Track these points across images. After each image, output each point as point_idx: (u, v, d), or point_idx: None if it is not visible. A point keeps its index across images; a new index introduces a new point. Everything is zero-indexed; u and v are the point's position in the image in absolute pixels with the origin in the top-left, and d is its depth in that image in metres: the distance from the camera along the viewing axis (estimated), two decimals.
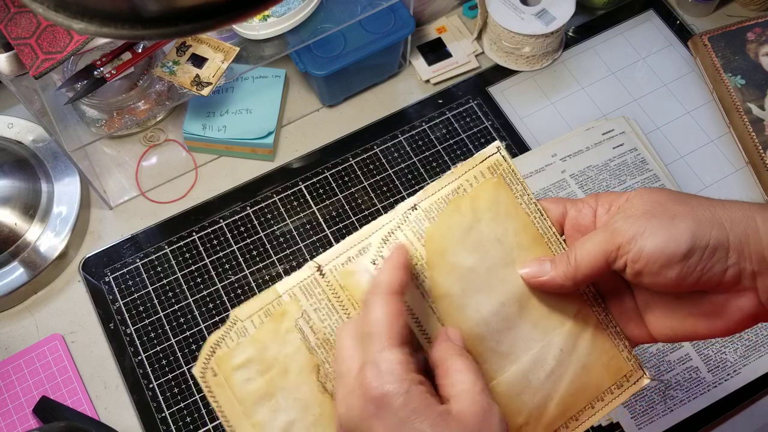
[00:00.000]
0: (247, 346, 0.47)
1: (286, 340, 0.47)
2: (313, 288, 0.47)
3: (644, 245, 0.43)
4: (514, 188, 0.50)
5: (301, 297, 0.47)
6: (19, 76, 0.67)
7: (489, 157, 0.50)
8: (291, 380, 0.46)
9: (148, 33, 0.33)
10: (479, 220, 0.49)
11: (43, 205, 0.84)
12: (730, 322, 0.45)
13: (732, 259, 0.43)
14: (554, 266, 0.47)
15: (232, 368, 0.46)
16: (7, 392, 0.77)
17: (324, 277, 0.47)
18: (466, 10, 0.97)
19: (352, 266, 0.47)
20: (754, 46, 0.91)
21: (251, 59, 0.81)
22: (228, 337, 0.47)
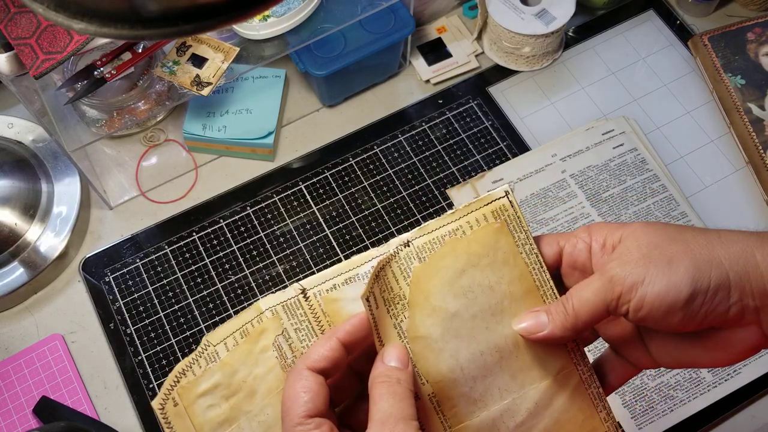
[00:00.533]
0: (215, 372, 0.46)
1: (260, 360, 0.46)
2: (295, 309, 0.47)
3: (645, 294, 0.42)
4: (517, 236, 0.48)
5: (283, 315, 0.47)
6: (19, 76, 0.67)
7: (496, 201, 0.48)
8: (257, 403, 0.46)
9: (148, 33, 0.33)
10: (474, 266, 0.47)
11: (43, 205, 0.84)
12: (733, 354, 0.45)
13: (734, 298, 0.43)
14: (551, 318, 0.46)
15: (196, 396, 0.46)
16: (7, 392, 0.77)
17: (308, 300, 0.47)
18: (466, 10, 0.97)
19: (336, 294, 0.47)
20: (754, 46, 0.91)
21: (251, 59, 0.81)
22: (196, 364, 0.46)
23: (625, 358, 0.49)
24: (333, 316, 0.46)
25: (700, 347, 0.46)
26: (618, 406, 0.74)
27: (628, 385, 0.75)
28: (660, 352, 0.47)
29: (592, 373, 0.48)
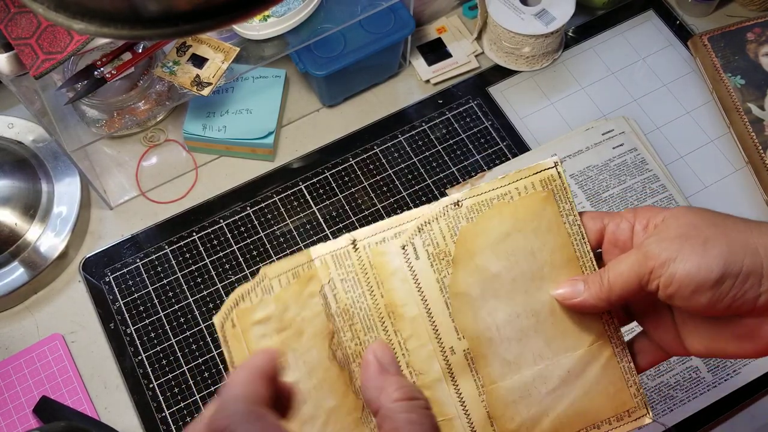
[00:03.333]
0: (269, 303, 0.47)
1: (308, 304, 0.47)
2: (344, 259, 0.48)
3: (676, 270, 0.43)
4: (562, 206, 0.50)
5: (332, 265, 0.47)
6: (19, 76, 0.67)
7: (545, 170, 0.50)
8: (303, 343, 0.47)
9: (148, 33, 0.33)
10: (519, 230, 0.49)
11: (44, 205, 0.84)
12: (761, 344, 0.45)
13: (765, 286, 0.43)
14: (587, 287, 0.47)
15: (252, 323, 0.47)
16: (7, 392, 0.77)
17: (357, 251, 0.48)
18: (466, 10, 0.97)
19: (384, 247, 0.48)
20: (754, 46, 0.91)
21: (251, 59, 0.81)
22: (254, 292, 0.47)
23: (656, 342, 0.50)
24: (379, 269, 0.48)
25: (729, 335, 0.46)
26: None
27: None
28: (691, 337, 0.48)
29: (624, 348, 0.50)
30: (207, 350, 0.78)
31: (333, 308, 0.47)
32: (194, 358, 0.78)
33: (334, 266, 0.47)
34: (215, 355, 0.78)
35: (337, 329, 0.47)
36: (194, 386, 0.77)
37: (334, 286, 0.47)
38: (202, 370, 0.78)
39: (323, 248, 0.48)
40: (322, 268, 0.47)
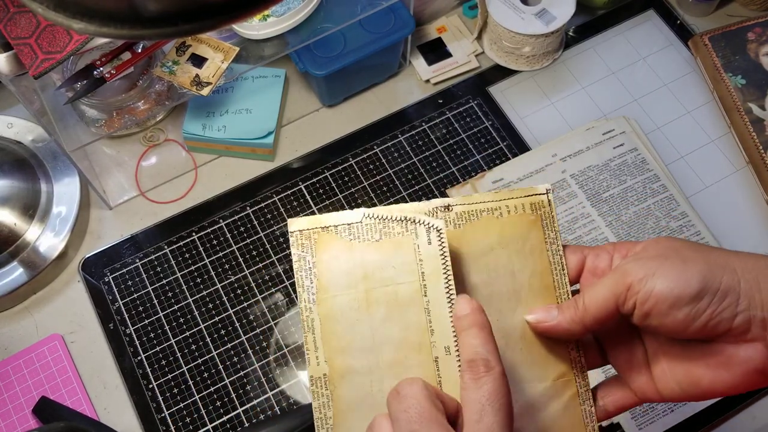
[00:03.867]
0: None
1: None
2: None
3: (654, 285, 0.43)
4: (547, 233, 0.50)
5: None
6: (18, 75, 0.66)
7: (536, 195, 0.50)
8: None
9: (148, 33, 0.33)
10: (503, 247, 0.49)
11: (43, 205, 0.84)
12: (737, 374, 0.44)
13: (742, 305, 0.43)
14: (561, 312, 0.47)
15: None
16: (6, 392, 0.77)
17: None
18: (466, 9, 0.97)
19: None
20: (755, 45, 0.91)
21: (251, 59, 0.81)
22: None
23: (628, 385, 0.49)
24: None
25: (704, 365, 0.45)
26: None
27: None
28: (664, 376, 0.47)
29: (588, 390, 0.49)
30: (207, 350, 0.78)
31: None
32: (194, 359, 0.78)
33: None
34: (215, 356, 0.78)
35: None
36: (194, 387, 0.77)
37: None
38: (202, 371, 0.77)
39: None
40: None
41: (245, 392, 0.77)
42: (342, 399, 0.46)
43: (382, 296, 0.47)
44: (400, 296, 0.46)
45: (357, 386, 0.46)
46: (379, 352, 0.46)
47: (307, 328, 0.47)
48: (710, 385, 0.45)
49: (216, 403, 0.76)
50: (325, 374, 0.46)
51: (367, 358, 0.46)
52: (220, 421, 0.75)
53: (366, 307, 0.47)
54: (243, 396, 0.76)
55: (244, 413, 0.76)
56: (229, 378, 0.77)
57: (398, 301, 0.46)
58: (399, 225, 0.48)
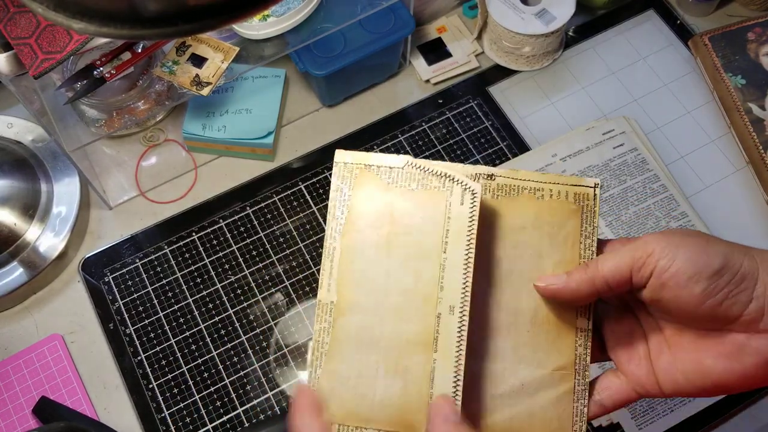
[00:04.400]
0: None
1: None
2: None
3: (677, 255, 0.43)
4: (585, 226, 0.50)
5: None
6: (18, 75, 0.66)
7: (583, 186, 0.50)
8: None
9: (148, 33, 0.33)
10: (535, 228, 0.49)
11: (43, 205, 0.84)
12: (749, 365, 0.44)
13: (759, 291, 0.43)
14: (570, 275, 0.47)
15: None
16: (6, 392, 0.77)
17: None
18: (466, 9, 0.97)
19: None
20: (755, 45, 0.91)
21: (251, 59, 0.81)
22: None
23: (627, 379, 0.49)
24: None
25: (714, 353, 0.45)
26: None
27: None
28: (669, 368, 0.46)
29: (585, 389, 0.48)
30: (207, 350, 0.78)
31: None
32: (194, 359, 0.78)
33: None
34: (215, 356, 0.78)
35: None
36: (194, 387, 0.77)
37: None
38: (202, 371, 0.77)
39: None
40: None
41: (245, 392, 0.77)
42: (342, 329, 0.47)
43: (404, 243, 0.48)
44: (420, 247, 0.47)
45: (359, 321, 0.47)
46: (388, 294, 0.47)
47: (327, 255, 0.48)
48: (721, 376, 0.44)
49: (216, 403, 0.76)
50: (332, 302, 0.47)
51: (375, 298, 0.47)
52: (220, 421, 0.75)
53: (386, 249, 0.48)
54: (243, 396, 0.76)
55: (244, 413, 0.76)
56: (229, 378, 0.77)
57: (418, 252, 0.47)
58: (437, 179, 0.48)
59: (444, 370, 0.46)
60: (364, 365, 0.46)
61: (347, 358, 0.47)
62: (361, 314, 0.47)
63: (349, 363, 0.47)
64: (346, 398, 0.46)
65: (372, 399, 0.46)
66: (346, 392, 0.46)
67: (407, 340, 0.47)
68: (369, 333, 0.47)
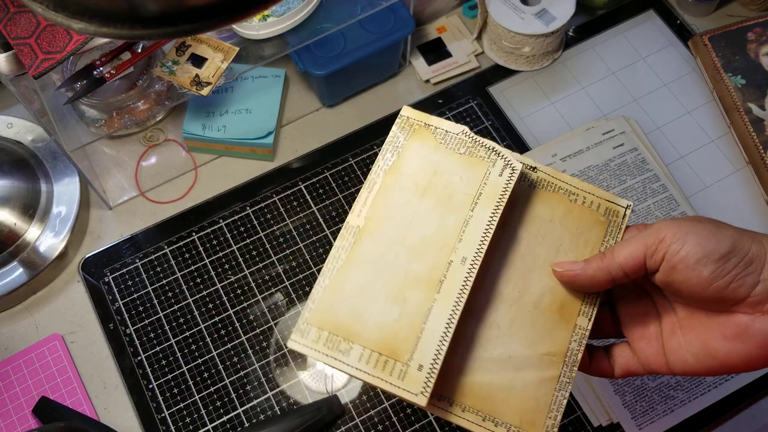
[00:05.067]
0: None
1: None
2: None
3: (687, 239, 0.45)
4: (607, 238, 0.53)
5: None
6: (18, 75, 0.66)
7: (616, 204, 0.54)
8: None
9: (148, 33, 0.33)
10: (560, 225, 0.53)
11: (43, 205, 0.84)
12: (752, 346, 0.46)
13: (765, 274, 0.45)
14: (587, 262, 0.49)
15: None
16: (6, 392, 0.77)
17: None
18: (466, 9, 0.97)
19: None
20: (755, 45, 0.91)
21: (251, 59, 0.81)
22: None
23: (637, 355, 0.51)
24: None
25: (720, 335, 0.47)
26: (618, 406, 0.74)
27: (629, 386, 0.74)
28: (679, 349, 0.49)
29: (570, 383, 0.50)
30: (207, 350, 0.78)
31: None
32: (194, 359, 0.78)
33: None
34: (215, 356, 0.78)
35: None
36: (194, 387, 0.77)
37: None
38: (202, 371, 0.77)
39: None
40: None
41: (245, 392, 0.77)
42: (359, 251, 0.50)
43: (438, 194, 0.52)
44: (451, 200, 0.51)
45: (377, 248, 0.50)
46: (410, 232, 0.51)
47: (367, 187, 0.52)
48: (726, 356, 0.47)
49: (216, 403, 0.76)
50: (359, 226, 0.51)
51: (397, 232, 0.51)
52: (220, 421, 0.75)
53: (420, 195, 0.52)
54: (243, 396, 0.76)
55: (244, 413, 0.76)
56: (229, 378, 0.77)
57: (448, 203, 0.51)
58: (485, 150, 0.53)
59: (440, 312, 0.48)
60: (369, 288, 0.49)
61: (355, 277, 0.50)
62: (381, 244, 0.50)
63: (355, 282, 0.49)
64: (343, 313, 0.49)
65: (367, 319, 0.48)
66: (344, 307, 0.49)
67: (415, 276, 0.49)
68: (382, 261, 0.50)
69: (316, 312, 0.49)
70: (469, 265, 0.49)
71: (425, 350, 0.47)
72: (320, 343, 0.48)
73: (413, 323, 0.48)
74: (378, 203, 0.52)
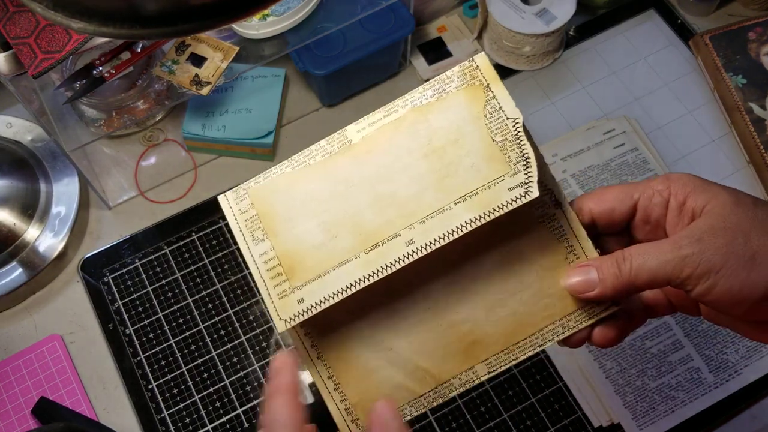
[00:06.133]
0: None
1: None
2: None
3: (716, 284, 0.40)
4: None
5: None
6: (17, 75, 0.66)
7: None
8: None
9: (147, 32, 0.33)
10: (536, 276, 0.48)
11: (42, 205, 0.83)
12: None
13: None
14: (602, 278, 0.44)
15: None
16: (5, 393, 0.76)
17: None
18: (466, 9, 0.97)
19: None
20: (756, 45, 0.91)
21: (251, 58, 0.81)
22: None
23: (673, 304, 0.48)
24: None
25: (747, 327, 0.44)
26: (619, 406, 0.74)
27: (630, 386, 0.74)
28: (707, 313, 0.46)
29: (427, 407, 0.49)
30: (206, 351, 0.78)
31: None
32: (193, 359, 0.78)
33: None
34: (215, 356, 0.78)
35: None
36: (193, 387, 0.77)
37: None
38: (201, 371, 0.77)
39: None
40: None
41: (245, 392, 0.76)
42: (334, 164, 0.48)
43: (440, 164, 0.47)
44: (445, 180, 0.46)
45: (350, 173, 0.48)
46: (387, 181, 0.47)
47: (385, 110, 0.50)
48: (750, 336, 0.44)
49: (216, 403, 0.76)
50: (351, 141, 0.50)
51: (378, 172, 0.47)
52: (220, 421, 0.75)
53: (425, 154, 0.47)
54: (243, 396, 0.76)
55: (244, 413, 0.76)
56: (228, 378, 0.77)
57: (440, 181, 0.46)
58: (517, 154, 0.46)
59: (354, 270, 0.46)
60: (316, 202, 0.47)
61: (312, 184, 0.48)
62: (355, 171, 0.48)
63: (309, 189, 0.47)
64: (280, 206, 0.47)
65: (293, 227, 0.47)
66: (284, 203, 0.47)
67: (359, 223, 0.46)
68: (344, 188, 0.47)
69: (260, 188, 0.48)
70: (410, 249, 0.45)
71: (316, 291, 0.46)
72: (243, 216, 0.47)
73: (325, 261, 0.46)
74: (384, 132, 0.48)
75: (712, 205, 0.42)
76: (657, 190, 0.45)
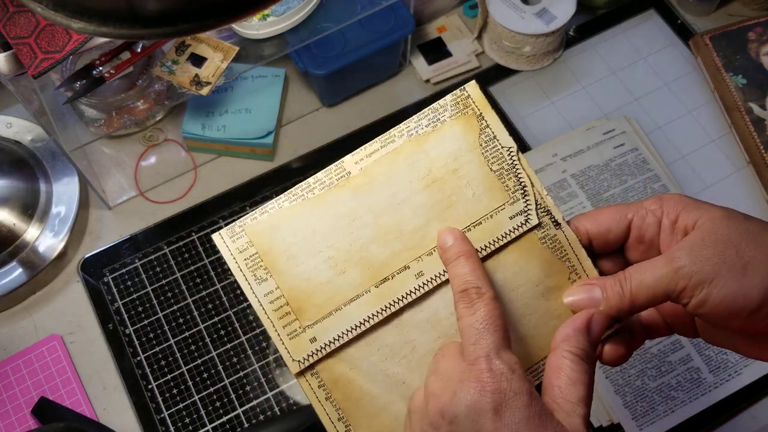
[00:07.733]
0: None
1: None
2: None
3: (710, 294, 0.41)
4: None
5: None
6: (17, 75, 0.66)
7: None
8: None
9: (147, 32, 0.33)
10: (542, 296, 0.48)
11: (42, 205, 0.83)
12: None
13: None
14: (606, 296, 0.44)
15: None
16: (5, 393, 0.76)
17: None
18: (466, 9, 0.97)
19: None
20: (756, 45, 0.91)
21: (251, 59, 0.81)
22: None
23: (670, 325, 0.48)
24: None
25: (746, 343, 0.44)
26: (619, 406, 0.74)
27: (629, 386, 0.74)
28: (705, 330, 0.46)
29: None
30: (206, 351, 0.78)
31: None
32: (193, 359, 0.78)
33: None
34: (214, 356, 0.78)
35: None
36: (193, 387, 0.77)
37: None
38: (201, 371, 0.77)
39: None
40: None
41: (245, 392, 0.76)
42: (334, 197, 0.47)
43: (442, 195, 0.47)
44: (448, 211, 0.46)
45: (352, 206, 0.47)
46: (391, 213, 0.47)
47: (382, 140, 0.50)
48: (749, 354, 0.45)
49: (216, 403, 0.76)
50: (350, 173, 0.48)
51: (380, 204, 0.47)
52: (220, 421, 0.75)
53: (426, 185, 0.47)
54: (243, 396, 0.76)
55: (243, 414, 0.76)
56: (228, 378, 0.77)
57: (443, 212, 0.47)
58: (515, 182, 0.47)
59: (366, 305, 0.45)
60: (319, 238, 0.46)
61: (313, 219, 0.47)
62: (357, 204, 0.47)
63: (310, 223, 0.47)
64: (280, 243, 0.47)
65: (297, 264, 0.46)
66: (285, 239, 0.47)
67: (366, 257, 0.46)
68: (347, 222, 0.47)
69: (257, 225, 0.47)
70: (421, 282, 0.45)
71: (328, 329, 0.45)
72: (242, 255, 0.46)
73: (335, 298, 0.45)
74: (382, 163, 0.48)
75: (703, 220, 0.43)
76: (650, 210, 0.45)
